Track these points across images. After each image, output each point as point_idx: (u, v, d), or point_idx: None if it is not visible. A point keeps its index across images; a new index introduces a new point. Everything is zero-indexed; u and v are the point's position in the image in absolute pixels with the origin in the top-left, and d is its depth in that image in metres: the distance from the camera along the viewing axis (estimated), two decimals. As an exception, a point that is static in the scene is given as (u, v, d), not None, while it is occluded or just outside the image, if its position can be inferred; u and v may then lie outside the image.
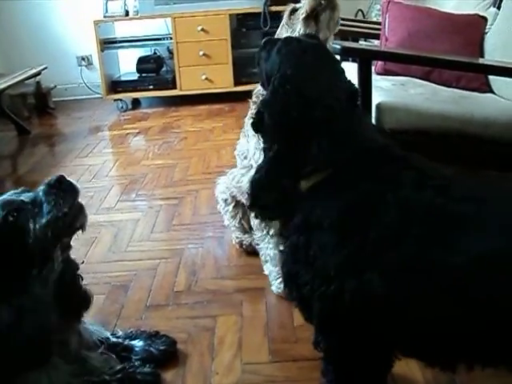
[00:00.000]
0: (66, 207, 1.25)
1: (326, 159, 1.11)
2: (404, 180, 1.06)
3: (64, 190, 1.26)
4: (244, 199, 2.01)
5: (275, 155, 1.13)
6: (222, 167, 3.15)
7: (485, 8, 3.10)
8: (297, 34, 1.74)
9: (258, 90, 1.86)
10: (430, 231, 0.99)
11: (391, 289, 1.01)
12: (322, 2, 1.73)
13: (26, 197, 1.27)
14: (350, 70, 2.07)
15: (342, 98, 1.14)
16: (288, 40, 1.25)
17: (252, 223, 1.99)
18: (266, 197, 1.17)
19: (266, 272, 2.00)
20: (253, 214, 1.72)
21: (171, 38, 4.57)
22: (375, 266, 1.02)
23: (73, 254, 1.42)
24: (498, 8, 3.00)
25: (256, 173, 1.20)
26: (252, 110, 1.86)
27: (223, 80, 4.64)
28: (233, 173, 2.15)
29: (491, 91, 2.71)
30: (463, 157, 2.27)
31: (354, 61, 2.45)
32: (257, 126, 1.19)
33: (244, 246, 2.20)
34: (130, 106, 4.73)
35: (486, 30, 2.89)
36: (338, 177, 1.11)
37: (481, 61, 2.58)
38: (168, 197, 2.82)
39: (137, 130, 4.11)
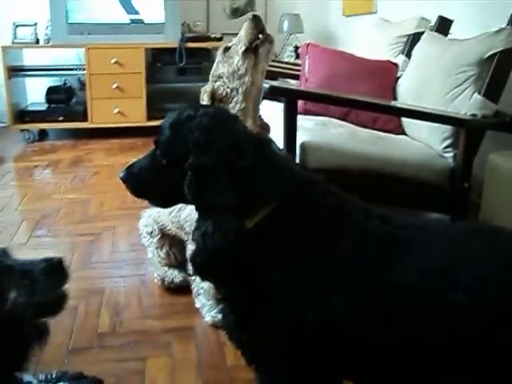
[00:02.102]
0: (59, 293, 1.25)
1: (267, 195, 1.12)
2: (350, 210, 1.12)
3: (61, 275, 1.21)
4: (184, 234, 1.97)
5: (224, 211, 1.08)
6: (139, 203, 3.07)
7: (394, 55, 3.29)
8: (235, 67, 1.81)
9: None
10: (382, 255, 1.05)
11: (353, 312, 1.04)
12: (260, 36, 1.81)
13: (18, 264, 1.21)
14: (273, 110, 2.13)
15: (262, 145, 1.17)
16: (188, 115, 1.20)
17: (187, 254, 1.95)
18: (225, 260, 1.11)
19: (198, 305, 1.98)
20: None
21: (83, 69, 4.47)
22: (335, 292, 1.04)
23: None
24: (406, 55, 3.20)
25: (207, 236, 1.10)
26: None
27: (136, 114, 4.57)
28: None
29: (404, 133, 2.85)
30: (381, 195, 2.35)
31: (270, 99, 2.50)
32: (192, 191, 1.12)
33: (166, 283, 2.15)
34: (37, 137, 4.53)
35: (398, 75, 3.06)
36: (282, 211, 1.11)
37: (398, 104, 2.72)
38: (84, 233, 2.71)
39: (46, 163, 3.94)
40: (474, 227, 1.15)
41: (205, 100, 1.85)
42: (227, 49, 1.87)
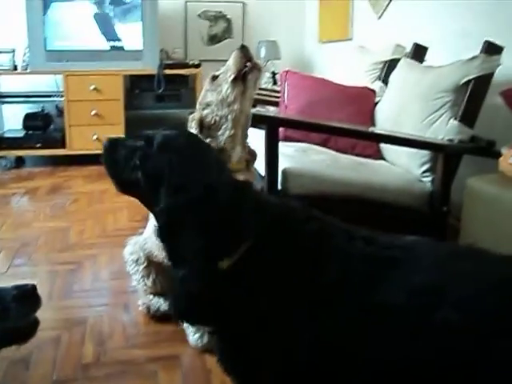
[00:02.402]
0: (30, 319, 1.24)
1: (245, 230, 1.11)
2: (333, 233, 1.12)
3: (33, 302, 1.21)
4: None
5: (202, 255, 1.09)
6: (120, 230, 3.08)
7: (371, 81, 3.36)
8: (224, 95, 1.85)
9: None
10: (369, 276, 1.06)
11: (345, 336, 1.04)
12: (248, 64, 1.85)
13: None
14: (254, 137, 2.15)
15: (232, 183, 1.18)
16: (166, 137, 1.23)
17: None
18: (204, 304, 1.12)
19: (184, 325, 1.97)
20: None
21: (61, 96, 4.47)
22: (326, 317, 1.05)
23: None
24: (383, 81, 3.27)
25: (185, 283, 1.11)
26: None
27: (115, 140, 4.56)
28: (148, 232, 2.11)
29: (383, 158, 2.90)
30: (362, 220, 2.38)
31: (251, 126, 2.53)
32: (165, 234, 1.13)
33: (152, 312, 2.14)
34: (14, 164, 4.50)
35: (376, 101, 3.12)
36: (262, 244, 1.11)
37: (378, 131, 2.77)
38: (65, 261, 2.68)
39: (24, 190, 3.90)
40: (460, 248, 1.17)
41: (193, 128, 1.87)
42: (215, 77, 1.91)
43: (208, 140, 1.85)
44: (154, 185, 1.17)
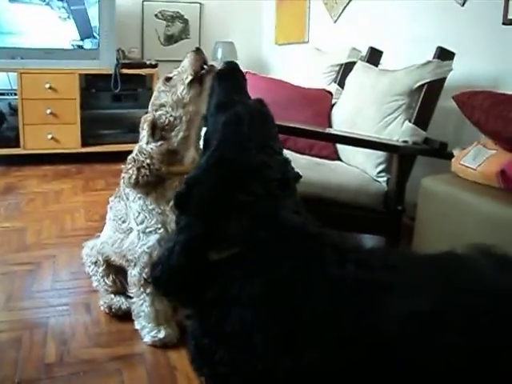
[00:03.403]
0: None
1: (240, 238, 1.12)
2: (325, 257, 1.08)
3: None
4: (125, 262, 1.99)
5: (195, 235, 1.12)
6: (78, 230, 3.07)
7: (327, 83, 3.43)
8: (179, 96, 1.87)
9: (140, 145, 1.90)
10: (361, 302, 1.01)
11: (333, 363, 1.00)
12: (205, 67, 1.89)
13: None
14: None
15: (271, 183, 1.17)
16: (237, 112, 1.24)
17: (129, 279, 1.98)
18: (184, 281, 1.14)
19: (138, 327, 2.00)
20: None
21: (15, 94, 4.39)
22: (314, 342, 1.01)
23: None
24: (339, 84, 3.34)
25: (171, 254, 1.14)
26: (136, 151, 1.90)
27: (70, 140, 4.52)
28: (105, 236, 2.11)
29: (339, 159, 2.97)
30: (320, 219, 2.44)
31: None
32: (181, 202, 1.17)
33: (113, 310, 2.14)
34: (-36, 164, 4.39)
35: (332, 103, 3.19)
36: (252, 255, 1.11)
37: (336, 132, 2.83)
38: (23, 262, 2.64)
39: (-24, 190, 3.82)
40: (445, 260, 1.09)
41: (145, 129, 1.88)
42: (168, 79, 1.93)
43: (160, 142, 1.87)
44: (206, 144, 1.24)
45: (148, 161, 1.83)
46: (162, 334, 1.95)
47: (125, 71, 4.58)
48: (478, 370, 0.91)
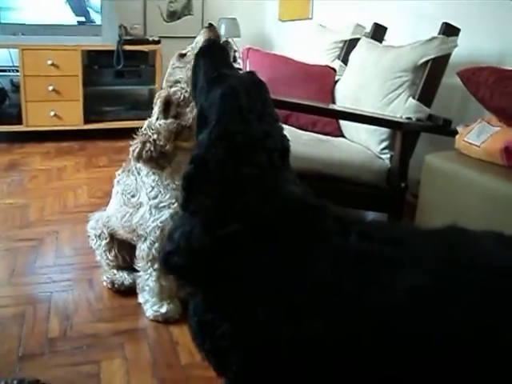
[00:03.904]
0: None
1: (247, 212, 1.11)
2: (328, 228, 1.08)
3: None
4: (136, 237, 2.00)
5: (213, 215, 1.10)
6: (81, 207, 3.07)
7: (330, 60, 3.40)
8: None
9: (150, 120, 1.92)
10: (364, 274, 1.01)
11: (336, 334, 1.00)
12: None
13: None
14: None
15: (273, 154, 1.16)
16: (232, 85, 1.21)
17: (137, 252, 1.99)
18: (201, 265, 1.12)
19: (141, 300, 2.02)
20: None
21: (16, 71, 4.36)
22: (317, 313, 1.01)
23: None
24: (342, 61, 3.32)
25: (190, 237, 1.11)
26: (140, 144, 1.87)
27: (73, 117, 4.50)
28: (111, 210, 2.11)
29: (342, 136, 2.96)
30: (322, 195, 2.44)
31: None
32: (191, 182, 1.14)
33: (116, 286, 2.16)
34: (-33, 141, 4.39)
35: (336, 80, 3.17)
36: (257, 228, 1.10)
37: (340, 108, 2.81)
38: (26, 238, 2.65)
39: (-21, 167, 3.82)
40: (450, 236, 1.08)
41: (158, 105, 1.89)
42: (183, 55, 1.91)
43: (170, 120, 1.87)
44: (201, 120, 1.21)
45: (155, 136, 1.84)
46: (164, 309, 1.96)
47: (127, 48, 4.55)
48: (481, 345, 0.91)
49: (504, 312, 0.92)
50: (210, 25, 1.90)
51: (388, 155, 2.57)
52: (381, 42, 3.10)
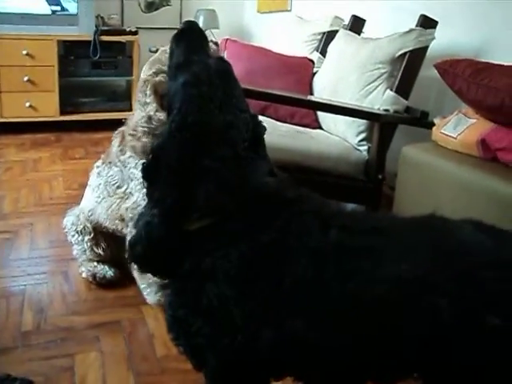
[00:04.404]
0: None
1: (211, 206, 1.07)
2: (305, 224, 1.05)
3: None
4: (120, 227, 1.99)
5: (171, 205, 1.07)
6: (56, 199, 3.03)
7: (309, 52, 3.39)
8: None
9: (138, 120, 1.84)
10: (346, 268, 1.00)
11: (319, 331, 0.99)
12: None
13: None
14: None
15: (238, 145, 1.12)
16: (195, 72, 1.16)
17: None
18: (164, 253, 1.10)
19: (142, 286, 2.02)
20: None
21: (-9, 61, 4.28)
22: (298, 311, 1.00)
23: None
24: (321, 53, 3.31)
25: (150, 228, 1.09)
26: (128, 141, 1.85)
27: (49, 108, 4.43)
28: (91, 203, 2.08)
29: (320, 127, 2.96)
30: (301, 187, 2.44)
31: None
32: (149, 173, 1.11)
33: (98, 279, 2.12)
34: None
35: (314, 71, 3.16)
36: (226, 224, 1.07)
37: (318, 99, 2.80)
38: (0, 230, 2.61)
39: (-48, 159, 3.75)
40: (429, 224, 1.09)
41: (148, 92, 1.82)
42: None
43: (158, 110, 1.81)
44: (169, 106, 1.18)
45: (160, 129, 1.73)
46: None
47: (104, 38, 4.48)
48: (462, 333, 0.93)
49: (487, 299, 0.94)
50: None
51: (365, 147, 2.58)
52: (359, 34, 3.10)
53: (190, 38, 1.27)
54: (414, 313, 0.95)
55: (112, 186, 1.97)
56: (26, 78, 4.28)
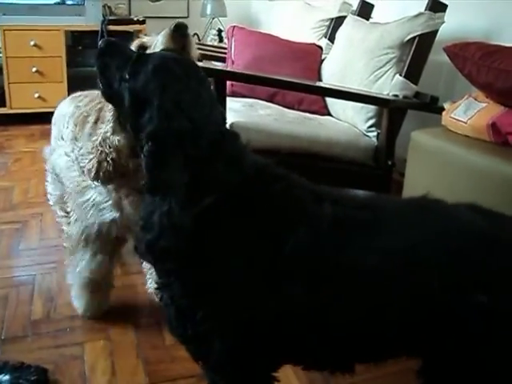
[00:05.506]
0: None
1: (218, 183, 1.06)
2: (300, 196, 1.08)
3: None
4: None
5: (186, 190, 1.04)
6: (65, 189, 3.02)
7: (317, 38, 3.36)
8: None
9: (105, 132, 1.55)
10: (341, 237, 1.04)
11: (316, 299, 1.02)
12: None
13: None
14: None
15: (222, 125, 1.12)
16: (163, 58, 1.12)
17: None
18: (187, 244, 1.07)
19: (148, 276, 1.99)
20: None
21: (-1, 52, 4.28)
22: (297, 279, 1.02)
23: None
24: (329, 39, 3.28)
25: (170, 218, 1.04)
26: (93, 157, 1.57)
27: (57, 99, 4.35)
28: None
29: (329, 114, 2.93)
30: (309, 173, 2.42)
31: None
32: (156, 159, 1.04)
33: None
34: (-50, 124, 4.31)
35: (322, 58, 3.14)
36: (231, 199, 1.06)
37: (326, 85, 2.78)
38: (10, 221, 2.62)
39: (-38, 150, 3.76)
40: (423, 203, 1.14)
41: (112, 115, 1.55)
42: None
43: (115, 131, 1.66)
44: (138, 106, 1.08)
45: (114, 155, 1.51)
46: None
47: (112, 28, 4.45)
48: (450, 305, 0.98)
49: (477, 277, 0.99)
50: (177, 28, 1.53)
51: (375, 133, 2.55)
52: (368, 19, 3.06)
53: (114, 54, 1.21)
54: (405, 283, 1.00)
55: None
56: (34, 69, 4.28)
